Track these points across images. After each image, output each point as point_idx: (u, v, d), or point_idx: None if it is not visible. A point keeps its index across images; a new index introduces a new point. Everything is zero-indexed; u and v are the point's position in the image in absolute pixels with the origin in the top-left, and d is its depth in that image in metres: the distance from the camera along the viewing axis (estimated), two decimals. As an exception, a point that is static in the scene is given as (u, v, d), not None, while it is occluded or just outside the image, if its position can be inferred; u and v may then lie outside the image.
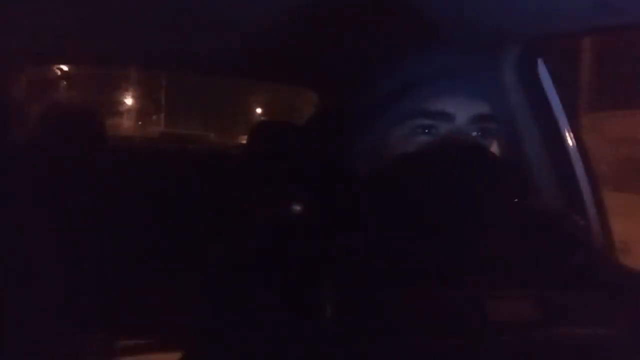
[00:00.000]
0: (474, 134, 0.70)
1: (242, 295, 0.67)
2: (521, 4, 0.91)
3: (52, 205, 1.11)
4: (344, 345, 0.59)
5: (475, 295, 0.57)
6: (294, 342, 0.60)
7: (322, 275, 0.64)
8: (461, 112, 0.70)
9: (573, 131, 1.07)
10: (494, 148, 0.71)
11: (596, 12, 0.82)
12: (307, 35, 1.11)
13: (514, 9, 0.92)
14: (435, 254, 0.58)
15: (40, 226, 1.08)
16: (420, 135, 0.69)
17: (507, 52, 1.02)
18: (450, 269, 0.57)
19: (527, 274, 0.59)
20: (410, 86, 0.71)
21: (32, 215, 1.09)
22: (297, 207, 0.73)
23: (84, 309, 1.01)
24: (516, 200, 0.66)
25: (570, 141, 1.07)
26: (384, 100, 0.72)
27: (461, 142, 0.68)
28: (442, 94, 0.70)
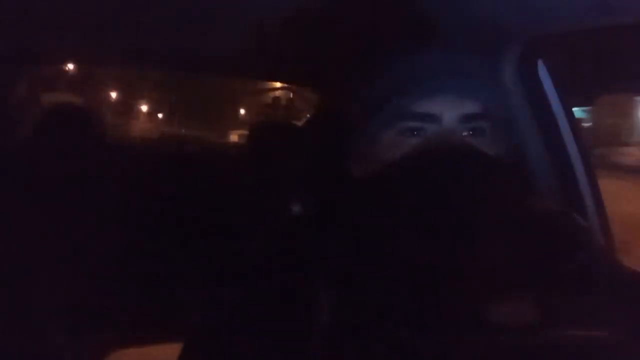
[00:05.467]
0: (464, 133, 0.69)
1: (241, 295, 0.67)
2: (520, 3, 0.90)
3: (51, 205, 1.11)
4: (342, 345, 0.59)
5: (474, 297, 0.57)
6: (292, 342, 0.60)
7: (321, 274, 0.64)
8: (448, 112, 0.69)
9: (573, 131, 1.07)
10: (486, 147, 0.70)
11: (596, 12, 0.81)
12: (303, 35, 1.11)
13: (513, 8, 0.92)
14: (433, 255, 0.58)
15: (40, 226, 1.08)
16: (409, 137, 0.69)
17: (506, 52, 1.02)
18: (449, 270, 0.57)
19: (526, 275, 0.59)
20: (398, 87, 0.70)
21: (32, 215, 1.09)
22: (295, 207, 0.73)
23: (84, 309, 1.00)
24: (511, 200, 0.66)
25: (570, 141, 1.06)
26: (375, 101, 0.72)
27: (448, 143, 0.67)
28: (428, 94, 0.69)
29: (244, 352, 0.61)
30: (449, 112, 0.69)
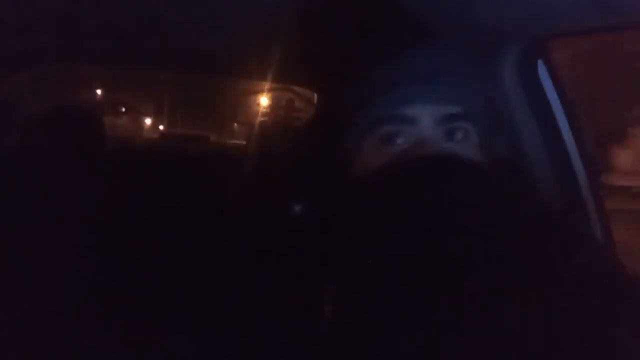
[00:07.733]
0: (444, 135, 0.68)
1: (242, 295, 0.67)
2: (520, 3, 0.90)
3: (52, 206, 1.11)
4: (343, 345, 0.59)
5: (475, 297, 0.57)
6: (292, 342, 0.60)
7: (321, 274, 0.64)
8: (426, 114, 0.68)
9: (573, 131, 1.07)
10: (469, 149, 0.69)
11: (596, 12, 0.81)
12: (302, 35, 1.11)
13: (512, 9, 0.92)
14: (433, 256, 0.58)
15: (40, 227, 1.08)
16: (389, 141, 0.68)
17: (506, 52, 1.02)
18: (449, 270, 0.57)
19: (527, 275, 0.59)
20: (382, 89, 0.70)
21: (32, 216, 1.09)
22: (294, 208, 0.73)
23: (83, 311, 1.00)
24: (509, 200, 0.65)
25: (570, 141, 1.06)
26: (361, 103, 0.71)
27: (428, 148, 0.66)
28: (405, 96, 0.68)
29: (245, 352, 0.61)
30: (427, 114, 0.68)
